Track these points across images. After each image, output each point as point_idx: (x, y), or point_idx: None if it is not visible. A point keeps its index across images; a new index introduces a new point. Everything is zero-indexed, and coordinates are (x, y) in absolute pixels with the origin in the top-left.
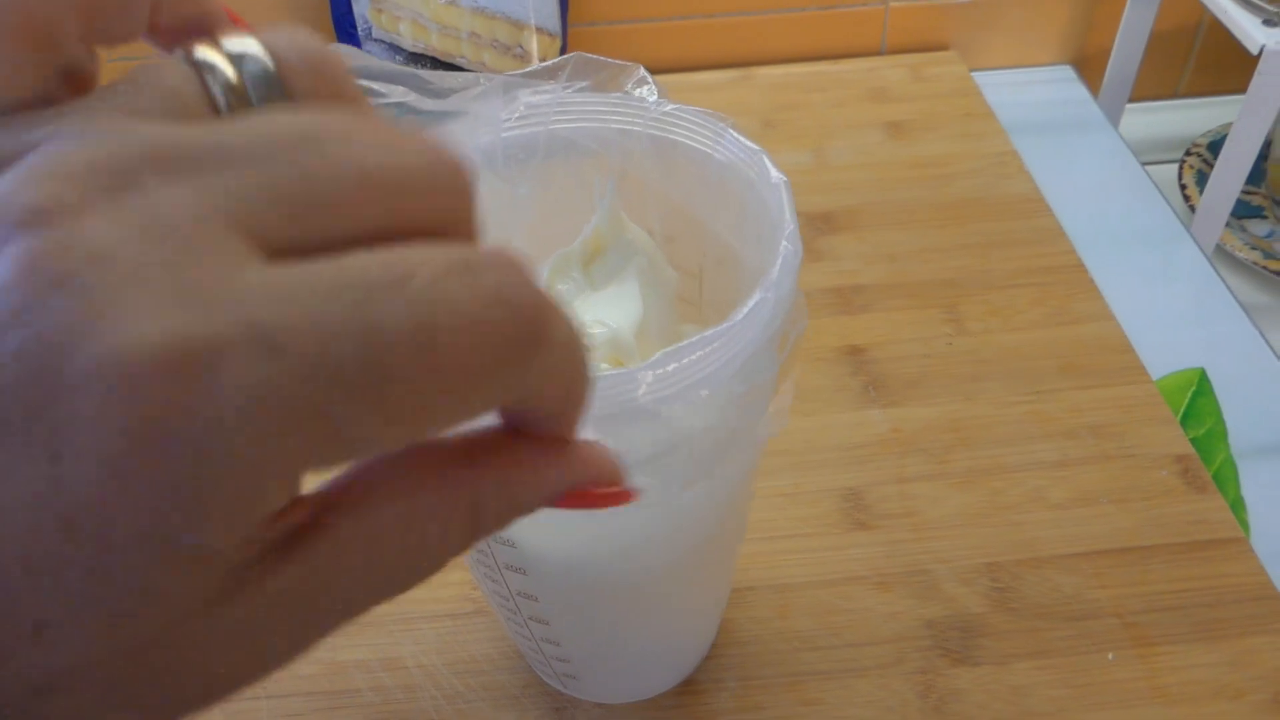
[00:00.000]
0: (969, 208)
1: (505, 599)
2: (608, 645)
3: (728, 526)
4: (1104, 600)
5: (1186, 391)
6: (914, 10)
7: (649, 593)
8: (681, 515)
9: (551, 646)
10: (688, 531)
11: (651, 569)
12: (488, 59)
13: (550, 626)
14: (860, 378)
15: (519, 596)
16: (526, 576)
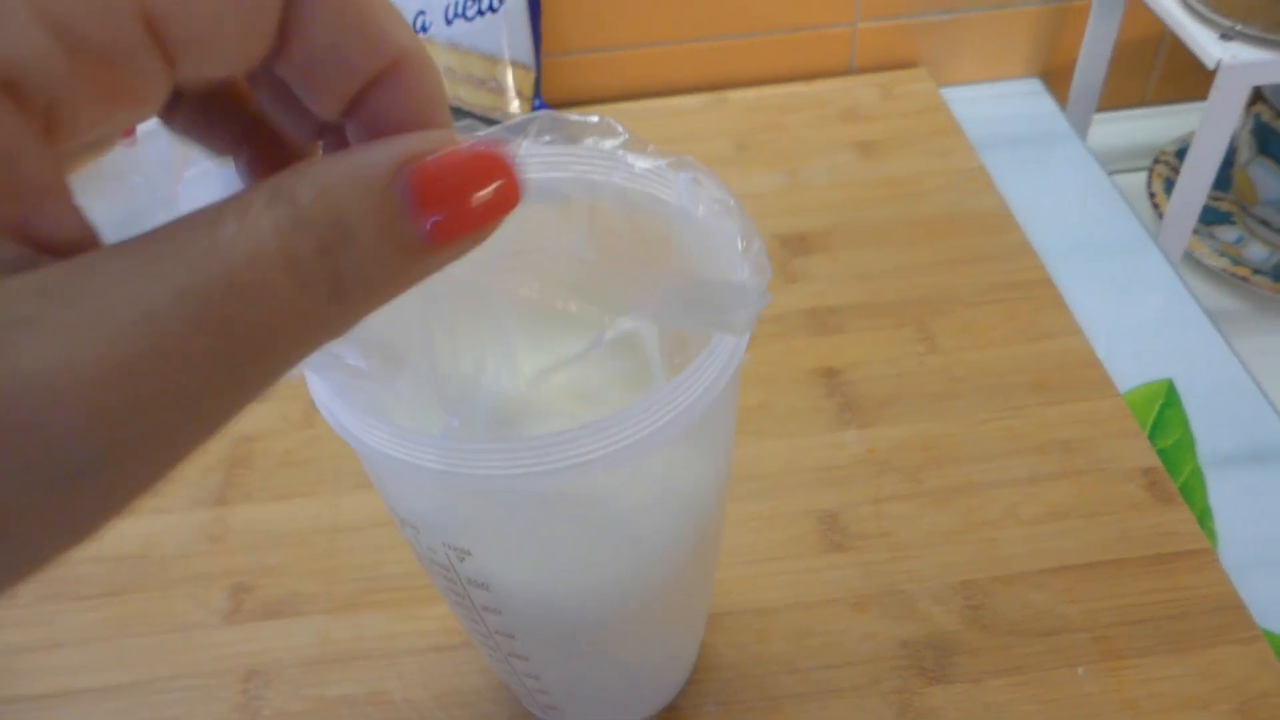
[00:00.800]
0: (939, 225)
1: (485, 636)
2: (587, 678)
3: (700, 558)
4: (1074, 615)
5: (1155, 403)
6: (882, 30)
7: (624, 628)
8: (653, 550)
9: (532, 680)
10: (660, 566)
11: (625, 605)
12: (463, 94)
13: (530, 662)
14: (836, 399)
15: (497, 635)
16: (502, 616)
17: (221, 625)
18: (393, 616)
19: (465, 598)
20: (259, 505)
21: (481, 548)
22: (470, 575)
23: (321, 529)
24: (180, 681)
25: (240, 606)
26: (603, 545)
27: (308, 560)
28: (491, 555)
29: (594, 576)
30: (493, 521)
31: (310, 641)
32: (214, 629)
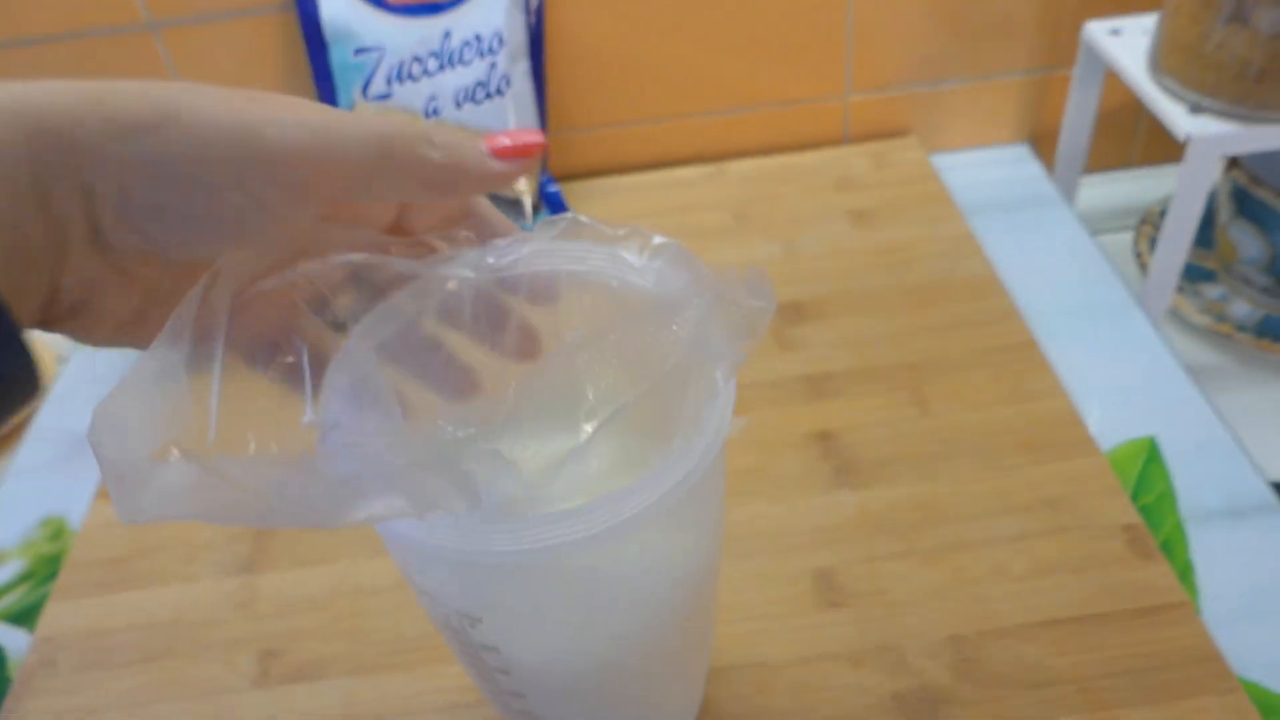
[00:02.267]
0: (930, 291)
1: (497, 694)
2: None
3: (696, 618)
4: (1062, 668)
5: (1138, 460)
6: (873, 102)
7: (627, 685)
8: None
9: None
10: (658, 628)
11: (627, 664)
12: None
13: (539, 718)
14: (831, 461)
15: (508, 694)
16: (511, 676)
17: (251, 689)
18: (414, 676)
19: (477, 659)
20: (284, 572)
21: (491, 616)
22: (481, 640)
23: (345, 593)
24: None
25: (268, 671)
26: (603, 612)
27: (332, 624)
28: (501, 623)
29: (597, 639)
30: (501, 593)
31: (336, 703)
32: (244, 693)
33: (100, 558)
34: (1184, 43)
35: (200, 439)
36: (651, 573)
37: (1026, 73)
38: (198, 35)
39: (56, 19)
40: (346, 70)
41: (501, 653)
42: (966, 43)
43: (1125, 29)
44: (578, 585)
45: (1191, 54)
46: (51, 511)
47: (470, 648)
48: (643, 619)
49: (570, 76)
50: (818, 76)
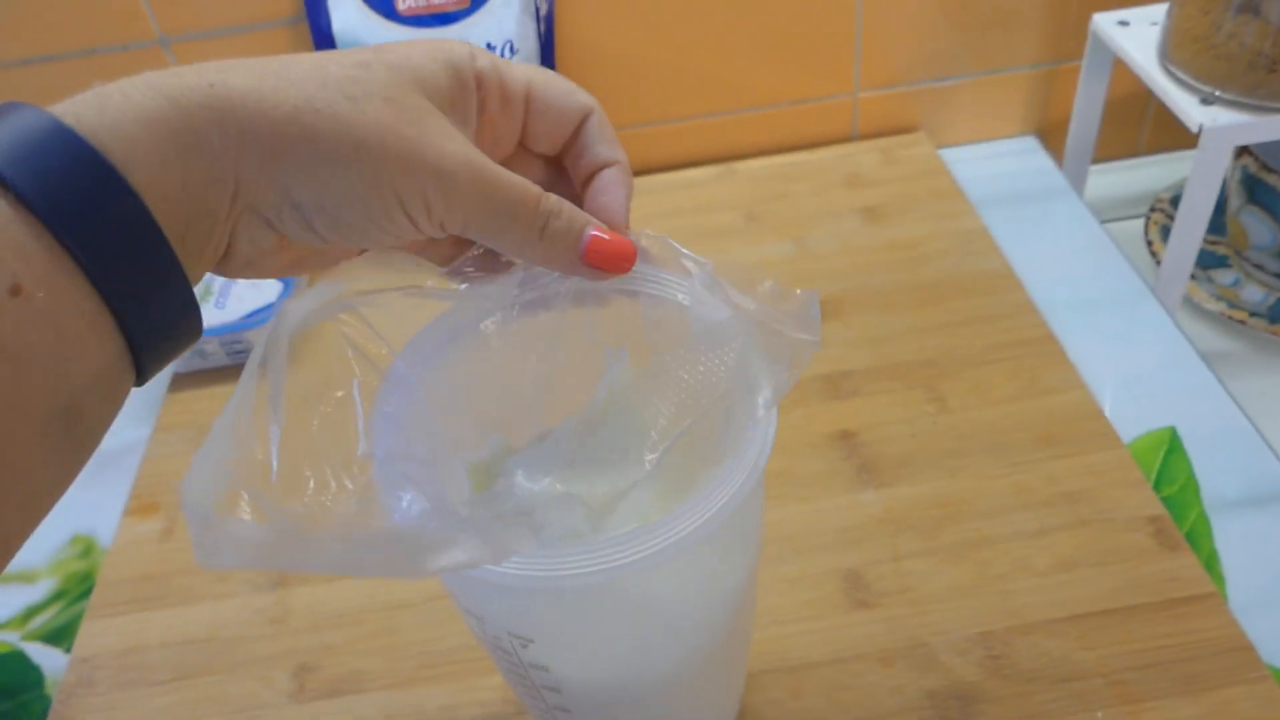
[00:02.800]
0: (944, 287)
1: (544, 711)
2: None
3: (735, 634)
4: (1090, 661)
5: (1159, 451)
6: (882, 98)
7: (671, 698)
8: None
9: None
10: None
11: (672, 679)
12: None
13: None
14: (853, 461)
15: (555, 710)
16: (561, 694)
17: (288, 704)
18: (452, 689)
19: (526, 678)
20: (317, 587)
21: (543, 637)
22: (532, 660)
23: (378, 607)
24: None
25: (304, 686)
26: (653, 631)
27: (367, 638)
28: (552, 643)
29: (646, 657)
30: (554, 616)
31: (374, 716)
32: (281, 708)
33: (132, 575)
34: (1195, 34)
35: (264, 480)
36: (699, 592)
37: (1034, 66)
38: (209, 50)
39: (69, 36)
40: None
41: (551, 671)
42: (974, 37)
43: (1133, 20)
44: (630, 607)
45: (1202, 45)
46: (79, 529)
47: (519, 666)
48: (690, 636)
49: (580, 82)
50: (826, 75)
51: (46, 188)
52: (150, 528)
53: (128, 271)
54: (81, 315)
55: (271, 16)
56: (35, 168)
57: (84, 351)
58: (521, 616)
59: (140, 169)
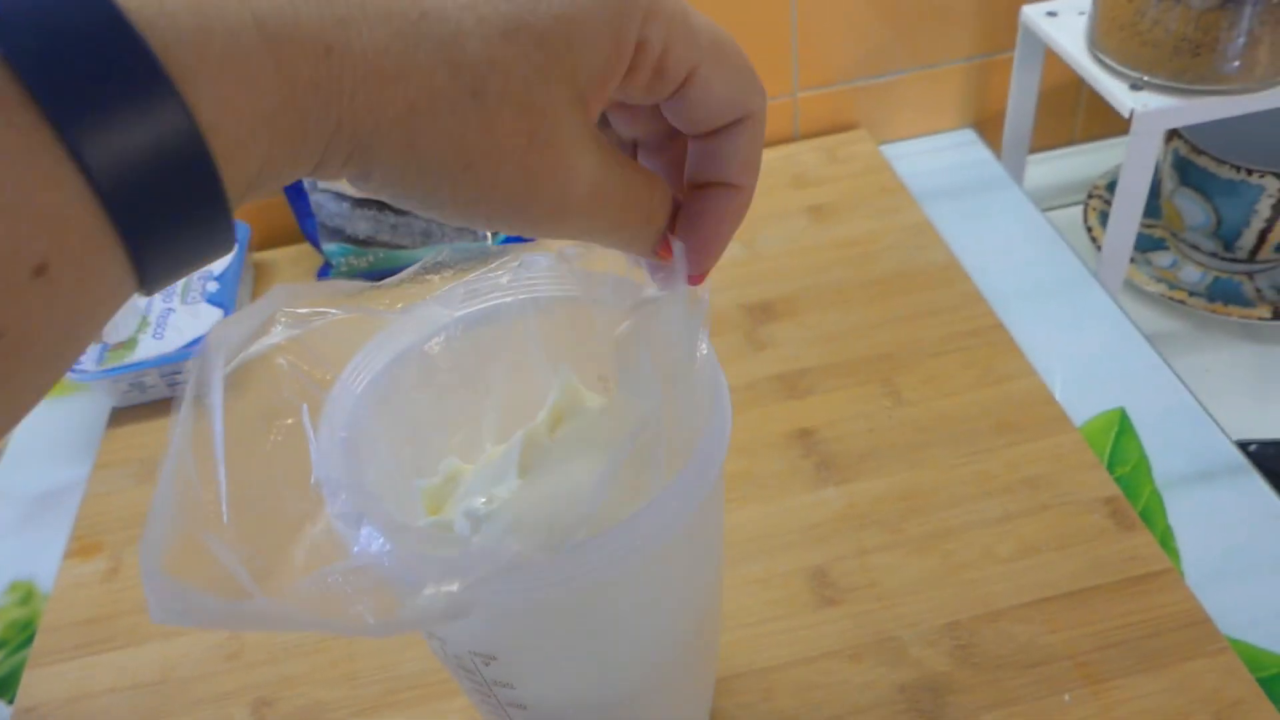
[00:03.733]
0: (893, 282)
1: None
2: None
3: (701, 640)
4: (1056, 644)
5: (1110, 433)
6: (821, 97)
7: (639, 707)
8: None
9: None
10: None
11: (640, 687)
12: None
13: None
14: (812, 459)
15: None
16: (527, 710)
17: None
18: (416, 714)
19: (490, 696)
20: None
21: (505, 653)
22: (495, 678)
23: (337, 636)
24: None
25: None
26: (616, 640)
27: (326, 667)
28: (514, 659)
29: (611, 667)
30: (515, 632)
31: None
32: None
33: (76, 619)
34: (1121, 21)
35: (216, 524)
36: (661, 599)
37: (968, 59)
38: None
39: None
40: None
41: (516, 688)
42: (908, 33)
43: (1061, 10)
44: (591, 618)
45: (1129, 32)
46: (18, 575)
47: (483, 685)
48: (655, 643)
49: None
50: (764, 75)
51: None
52: (93, 568)
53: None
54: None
55: None
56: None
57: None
58: (482, 635)
59: (223, 132)
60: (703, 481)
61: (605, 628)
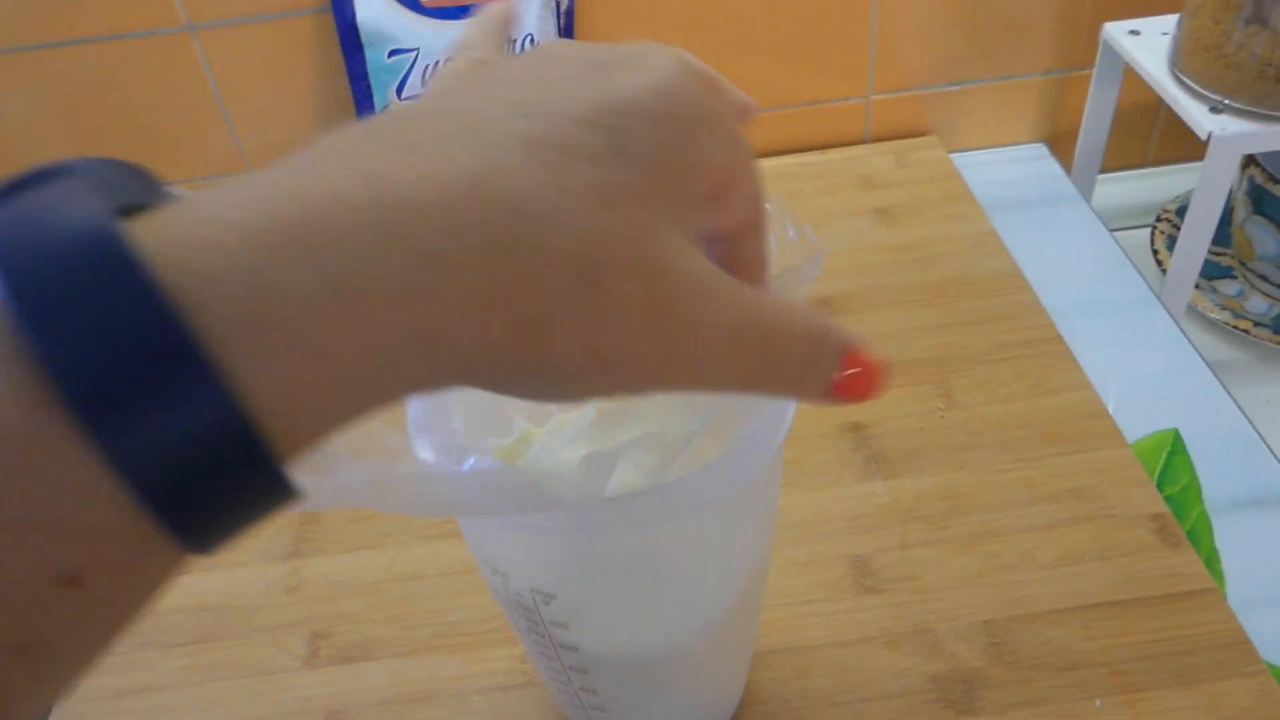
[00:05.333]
0: (953, 287)
1: (559, 672)
2: (649, 709)
3: (749, 603)
4: (1091, 651)
5: (1162, 452)
6: (894, 101)
7: (683, 664)
8: (710, 596)
9: (599, 713)
10: (716, 610)
11: (685, 643)
12: None
13: (599, 695)
14: (862, 452)
15: (571, 670)
16: (578, 653)
17: (301, 669)
18: (463, 659)
19: (545, 637)
20: (331, 558)
21: (565, 593)
22: (553, 617)
23: (392, 578)
24: None
25: (318, 652)
26: (669, 593)
27: (380, 608)
28: (574, 600)
29: (661, 618)
30: (577, 570)
31: (385, 683)
32: (295, 673)
33: None
34: (1205, 43)
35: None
36: (715, 558)
37: (1045, 73)
38: (235, 36)
39: (100, 21)
40: (381, 71)
41: (570, 629)
42: (986, 44)
43: (1144, 29)
44: (648, 565)
45: (1212, 54)
46: None
47: (539, 624)
48: (703, 604)
49: None
50: (840, 77)
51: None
52: None
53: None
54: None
55: (298, 6)
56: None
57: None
58: (545, 572)
59: (287, 418)
60: (765, 449)
61: (657, 580)
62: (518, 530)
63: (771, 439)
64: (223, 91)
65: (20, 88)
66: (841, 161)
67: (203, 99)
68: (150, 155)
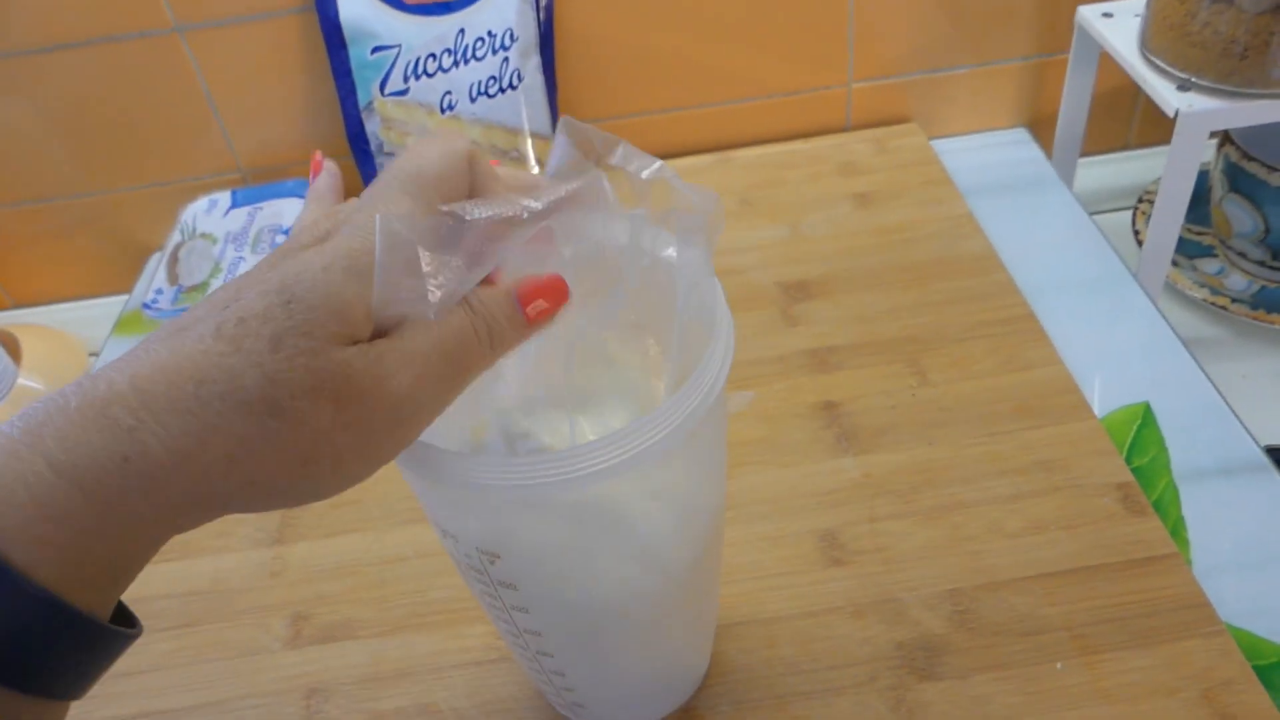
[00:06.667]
0: (930, 269)
1: (516, 635)
2: (607, 674)
3: (704, 563)
4: (1054, 616)
5: (1132, 424)
6: (875, 89)
7: (638, 625)
8: (659, 552)
9: (559, 677)
10: (666, 567)
11: (637, 602)
12: None
13: (556, 659)
14: (834, 429)
15: (526, 633)
16: (530, 614)
17: (284, 650)
18: (439, 637)
19: (497, 598)
20: (314, 542)
21: (509, 552)
22: (500, 577)
23: (371, 561)
24: (249, 701)
25: (300, 633)
26: (612, 548)
27: (360, 589)
28: (518, 558)
29: (608, 576)
30: (516, 528)
31: (364, 661)
32: (277, 653)
33: None
34: (1172, 22)
35: None
36: (657, 512)
37: (1024, 58)
38: (222, 37)
39: (89, 24)
40: (365, 68)
41: (519, 590)
42: (966, 30)
43: (1117, 12)
44: (587, 520)
45: (1179, 33)
46: None
47: (490, 586)
48: (648, 561)
49: (580, 70)
50: (820, 66)
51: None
52: None
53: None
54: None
55: (282, 6)
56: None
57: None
58: (486, 529)
59: (48, 566)
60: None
61: (602, 534)
62: (455, 488)
63: (710, 389)
64: (213, 92)
65: (12, 92)
66: (823, 149)
67: (193, 99)
68: (144, 156)
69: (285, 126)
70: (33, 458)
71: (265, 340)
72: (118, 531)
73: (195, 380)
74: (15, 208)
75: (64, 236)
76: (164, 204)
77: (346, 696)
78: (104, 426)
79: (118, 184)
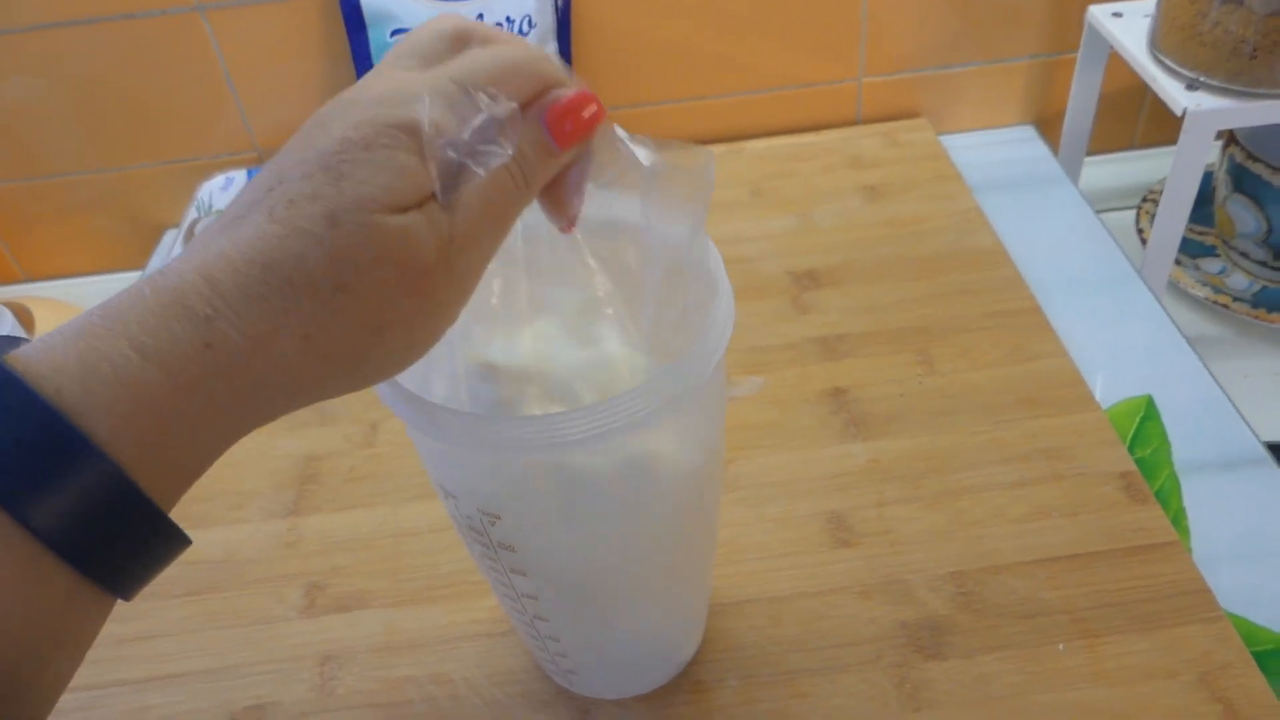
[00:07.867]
0: (939, 261)
1: (514, 600)
2: (601, 639)
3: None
4: (1055, 600)
5: (1135, 416)
6: (885, 84)
7: (631, 589)
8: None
9: (554, 643)
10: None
11: (631, 566)
12: None
13: (551, 623)
14: (842, 415)
15: (524, 597)
16: (527, 578)
17: (298, 618)
18: (450, 609)
19: (497, 561)
20: (328, 515)
21: (509, 513)
22: (499, 539)
23: (385, 534)
24: (264, 666)
25: (314, 602)
26: (606, 511)
27: (374, 562)
28: (517, 519)
29: (601, 541)
30: (515, 489)
31: (378, 631)
32: (291, 621)
33: None
34: (1181, 22)
35: None
36: (650, 477)
37: (1034, 56)
38: (243, 17)
39: (110, 1)
40: (384, 50)
41: (517, 552)
42: (976, 27)
43: (1127, 11)
44: (583, 482)
45: (1189, 33)
46: None
47: (490, 548)
48: (642, 526)
49: (595, 59)
50: (832, 60)
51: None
52: None
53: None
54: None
55: None
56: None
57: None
58: (486, 490)
59: (130, 448)
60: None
61: (597, 494)
62: (459, 448)
63: (707, 360)
64: (232, 72)
65: (31, 68)
66: (833, 142)
67: (213, 79)
68: (160, 134)
69: (303, 107)
70: (117, 341)
71: (320, 219)
72: (199, 418)
73: (261, 265)
74: (32, 182)
75: (79, 212)
76: (179, 182)
77: (360, 664)
78: (183, 315)
79: (134, 161)
